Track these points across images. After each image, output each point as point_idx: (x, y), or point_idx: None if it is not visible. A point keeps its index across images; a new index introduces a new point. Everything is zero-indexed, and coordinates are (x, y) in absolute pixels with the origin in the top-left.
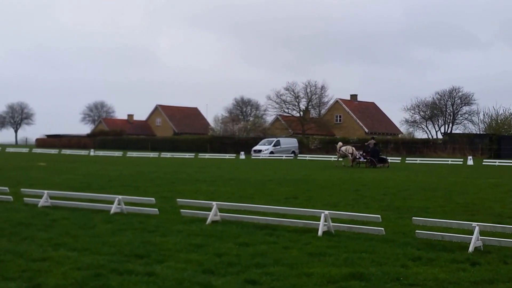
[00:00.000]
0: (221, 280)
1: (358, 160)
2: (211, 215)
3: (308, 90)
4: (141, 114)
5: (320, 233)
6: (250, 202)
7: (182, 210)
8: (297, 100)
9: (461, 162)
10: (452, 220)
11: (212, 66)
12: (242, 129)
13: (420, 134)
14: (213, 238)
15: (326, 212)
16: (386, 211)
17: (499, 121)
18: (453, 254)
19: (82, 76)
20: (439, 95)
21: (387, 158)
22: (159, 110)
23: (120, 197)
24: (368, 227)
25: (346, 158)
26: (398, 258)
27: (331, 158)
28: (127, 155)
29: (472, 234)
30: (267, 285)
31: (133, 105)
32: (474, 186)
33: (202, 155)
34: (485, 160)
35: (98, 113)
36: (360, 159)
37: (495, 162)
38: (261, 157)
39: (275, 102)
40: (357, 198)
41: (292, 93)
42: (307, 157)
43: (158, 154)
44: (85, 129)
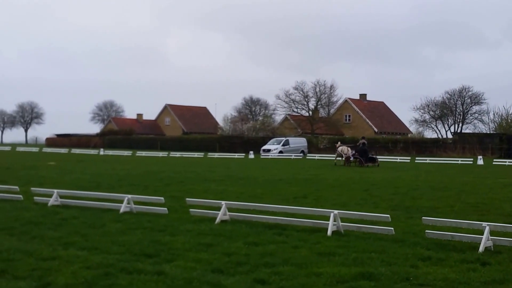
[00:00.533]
0: (230, 279)
1: (350, 159)
2: (220, 215)
3: (317, 89)
4: (150, 114)
5: (329, 232)
6: (259, 201)
7: (191, 210)
8: (306, 99)
9: (471, 162)
10: (462, 220)
11: (220, 66)
12: (251, 128)
13: (429, 134)
14: (222, 237)
15: (336, 211)
16: (396, 211)
17: (510, 120)
18: (463, 254)
19: (91, 76)
20: (449, 95)
21: (377, 158)
22: (168, 109)
23: (129, 196)
24: (377, 227)
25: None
26: (408, 258)
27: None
28: (137, 155)
29: (482, 234)
30: (276, 284)
31: (142, 104)
32: (484, 186)
33: (211, 155)
34: (495, 160)
35: (107, 112)
36: (351, 159)
37: (506, 162)
38: (270, 156)
39: (284, 101)
40: (366, 197)
41: (301, 92)
42: (316, 156)
43: (167, 153)
44: (94, 128)
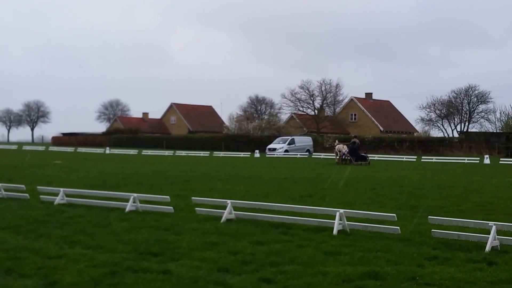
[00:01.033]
0: (236, 278)
1: (343, 158)
2: (226, 214)
3: (322, 88)
4: (156, 112)
5: (335, 231)
6: (265, 200)
7: (197, 208)
8: (311, 98)
9: (477, 161)
10: (468, 219)
11: (224, 64)
12: (257, 127)
13: (436, 133)
14: (228, 236)
15: (341, 210)
16: (402, 210)
17: None
18: (469, 254)
19: (97, 74)
20: (455, 93)
21: (367, 156)
22: (174, 108)
23: (135, 195)
24: (383, 226)
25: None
26: (414, 257)
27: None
28: (142, 153)
29: (489, 233)
30: (282, 283)
31: (148, 103)
32: (490, 185)
33: (217, 153)
34: (502, 159)
35: (113, 111)
36: (343, 157)
37: None
38: (275, 155)
39: (290, 100)
40: (372, 196)
41: (306, 91)
42: (322, 155)
43: (173, 152)
44: (100, 127)
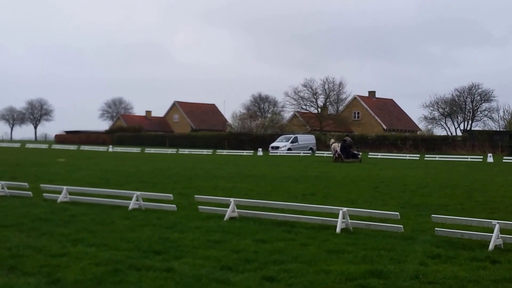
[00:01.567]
0: (239, 276)
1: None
2: (229, 212)
3: (326, 86)
4: (159, 111)
5: (338, 230)
6: (268, 198)
7: (200, 207)
8: (315, 96)
9: (480, 160)
10: (471, 217)
11: (227, 63)
12: (260, 125)
13: (439, 131)
14: (231, 234)
15: (345, 209)
16: (405, 208)
17: None
18: (473, 252)
19: (100, 73)
20: (458, 92)
21: (358, 154)
22: (177, 106)
23: (138, 193)
24: (386, 224)
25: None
26: (417, 255)
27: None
28: (145, 151)
29: (492, 232)
30: (285, 282)
31: (151, 101)
32: (494, 184)
33: (220, 152)
34: (505, 157)
35: (116, 109)
36: (336, 155)
37: None
38: (278, 153)
39: (293, 98)
40: (375, 195)
41: (309, 89)
42: (325, 153)
43: (176, 150)
44: (103, 125)
